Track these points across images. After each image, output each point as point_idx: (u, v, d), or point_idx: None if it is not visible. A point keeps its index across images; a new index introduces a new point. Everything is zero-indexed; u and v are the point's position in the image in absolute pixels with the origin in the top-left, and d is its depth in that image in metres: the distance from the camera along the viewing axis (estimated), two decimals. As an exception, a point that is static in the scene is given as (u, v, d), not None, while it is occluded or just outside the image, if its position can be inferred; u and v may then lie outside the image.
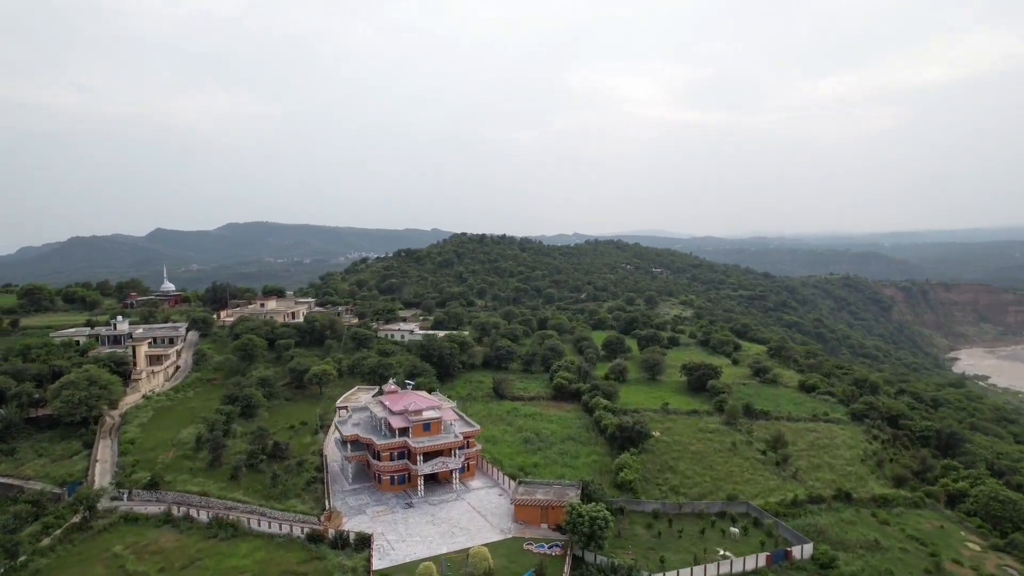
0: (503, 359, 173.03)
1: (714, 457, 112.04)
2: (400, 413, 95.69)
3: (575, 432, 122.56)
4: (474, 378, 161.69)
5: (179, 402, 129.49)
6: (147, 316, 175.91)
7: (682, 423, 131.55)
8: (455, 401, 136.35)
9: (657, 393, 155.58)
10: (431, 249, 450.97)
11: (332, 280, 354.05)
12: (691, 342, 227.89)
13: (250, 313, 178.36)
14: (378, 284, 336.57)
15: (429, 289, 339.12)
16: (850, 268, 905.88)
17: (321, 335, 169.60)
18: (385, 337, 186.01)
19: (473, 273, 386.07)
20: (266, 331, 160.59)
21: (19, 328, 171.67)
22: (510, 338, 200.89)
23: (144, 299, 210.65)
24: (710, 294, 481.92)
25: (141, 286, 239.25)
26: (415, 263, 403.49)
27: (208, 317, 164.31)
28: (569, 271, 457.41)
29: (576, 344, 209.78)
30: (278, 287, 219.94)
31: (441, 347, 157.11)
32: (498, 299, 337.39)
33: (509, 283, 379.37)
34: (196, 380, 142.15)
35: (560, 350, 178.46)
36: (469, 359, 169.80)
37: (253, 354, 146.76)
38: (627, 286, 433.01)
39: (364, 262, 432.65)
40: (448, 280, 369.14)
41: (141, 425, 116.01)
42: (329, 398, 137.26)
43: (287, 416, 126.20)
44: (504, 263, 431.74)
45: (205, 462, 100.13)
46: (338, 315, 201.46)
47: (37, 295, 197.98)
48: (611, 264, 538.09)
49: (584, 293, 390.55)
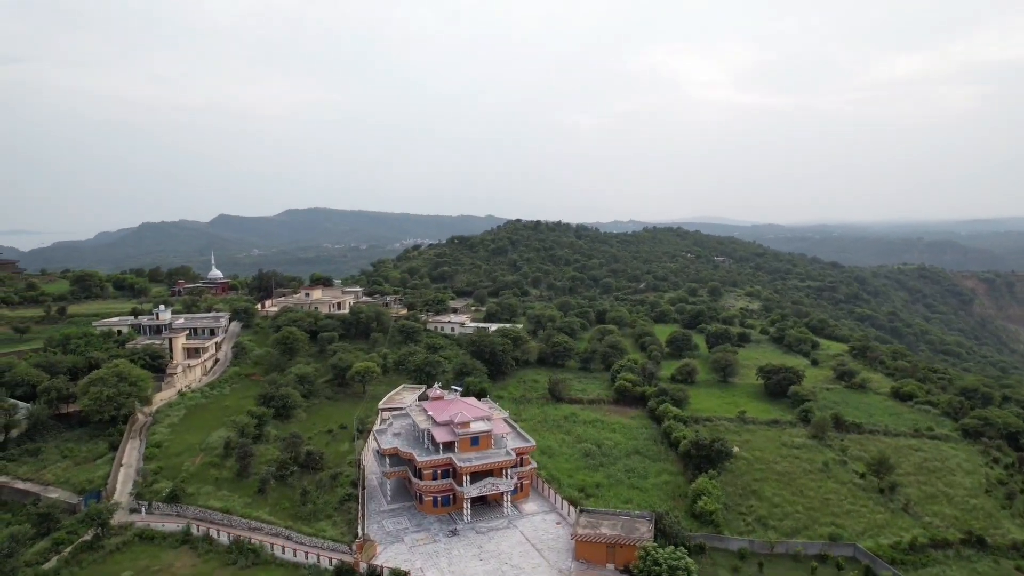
0: (560, 356, 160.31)
1: (804, 480, 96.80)
2: (445, 424, 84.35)
3: (641, 444, 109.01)
4: (528, 377, 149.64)
5: (214, 400, 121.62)
6: (190, 305, 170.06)
7: (762, 436, 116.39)
8: (506, 410, 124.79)
9: (731, 398, 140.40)
10: (485, 236, 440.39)
11: (383, 267, 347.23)
12: (762, 339, 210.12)
13: (294, 303, 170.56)
14: (430, 272, 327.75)
15: (482, 277, 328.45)
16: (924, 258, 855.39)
17: (367, 327, 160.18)
18: (434, 330, 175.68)
19: (527, 261, 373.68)
20: (309, 323, 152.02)
21: (66, 316, 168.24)
22: (567, 332, 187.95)
23: (191, 286, 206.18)
24: (776, 285, 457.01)
25: (191, 273, 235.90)
26: (468, 250, 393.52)
27: (250, 307, 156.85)
28: (627, 260, 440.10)
29: (638, 340, 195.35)
30: (325, 275, 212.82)
31: (493, 343, 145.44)
32: (553, 288, 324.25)
33: (565, 272, 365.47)
34: (234, 375, 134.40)
35: (621, 347, 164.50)
36: (523, 355, 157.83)
37: (294, 348, 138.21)
38: (688, 276, 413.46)
39: (416, 249, 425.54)
40: (502, 268, 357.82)
41: (171, 425, 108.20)
42: (372, 397, 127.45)
43: (325, 418, 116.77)
44: (560, 251, 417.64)
45: (232, 471, 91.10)
46: (385, 305, 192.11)
47: (87, 282, 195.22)
48: (671, 252, 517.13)
49: (643, 283, 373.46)
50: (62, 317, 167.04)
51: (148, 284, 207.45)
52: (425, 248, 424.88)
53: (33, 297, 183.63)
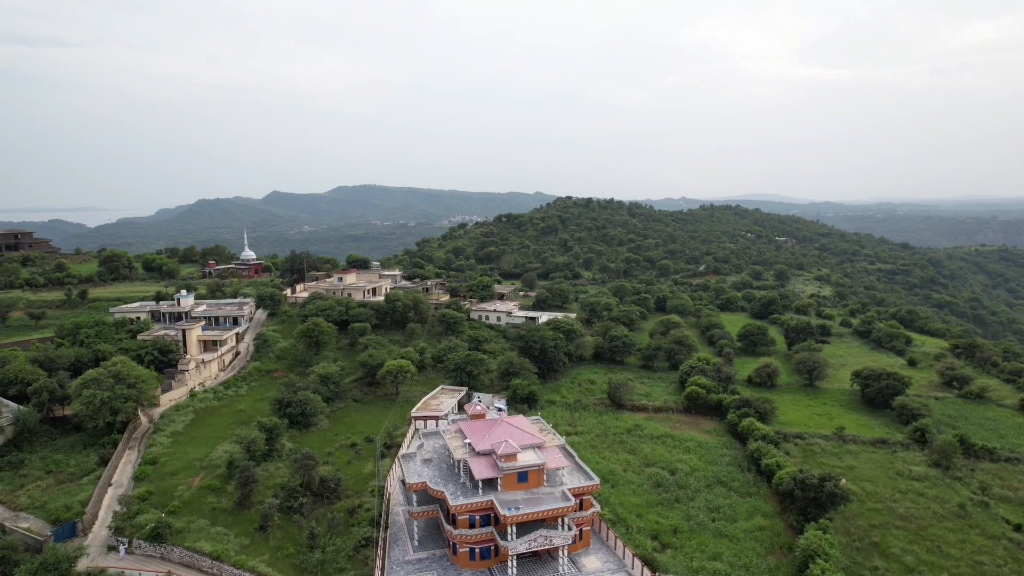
0: (618, 352, 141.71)
1: (938, 530, 76.47)
2: (486, 455, 67.39)
3: (724, 471, 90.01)
4: (583, 376, 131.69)
5: (227, 402, 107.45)
6: (215, 289, 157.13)
7: (868, 460, 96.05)
8: (559, 419, 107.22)
9: (821, 407, 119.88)
10: (534, 214, 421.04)
11: (428, 247, 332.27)
12: (844, 332, 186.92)
13: (326, 288, 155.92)
14: (476, 252, 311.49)
15: (530, 258, 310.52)
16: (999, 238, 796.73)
17: (403, 317, 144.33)
18: (479, 319, 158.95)
19: (579, 241, 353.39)
20: (339, 312, 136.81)
21: (86, 300, 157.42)
22: (624, 322, 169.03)
23: (222, 268, 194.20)
24: (845, 268, 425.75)
25: (226, 253, 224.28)
26: (516, 229, 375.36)
27: (276, 293, 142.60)
28: (684, 240, 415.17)
29: (704, 333, 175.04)
30: (361, 257, 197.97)
31: (544, 338, 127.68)
32: (607, 271, 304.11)
33: (619, 252, 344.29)
34: (254, 371, 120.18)
35: (689, 343, 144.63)
36: (577, 350, 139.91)
37: (320, 341, 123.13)
38: (750, 257, 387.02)
39: (462, 228, 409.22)
40: (551, 248, 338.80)
41: (174, 434, 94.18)
42: (405, 401, 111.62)
43: (350, 426, 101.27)
44: (612, 230, 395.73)
45: (233, 500, 76.14)
46: (425, 291, 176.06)
47: (115, 263, 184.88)
48: (730, 232, 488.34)
49: (703, 265, 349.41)
50: (83, 301, 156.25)
51: (178, 265, 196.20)
52: (472, 227, 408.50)
53: (59, 279, 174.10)
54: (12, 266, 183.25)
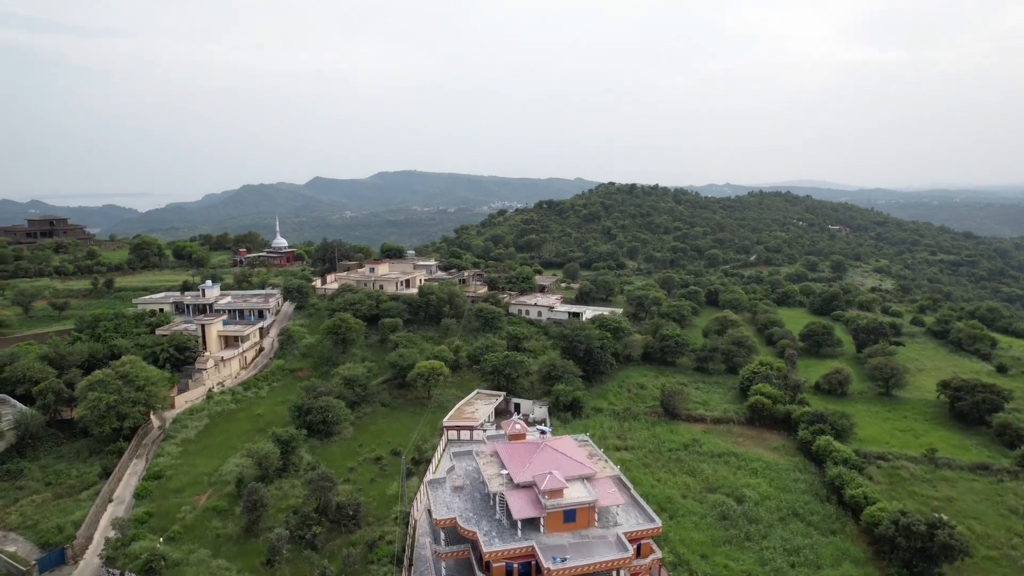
0: (670, 353, 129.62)
1: (1071, 586, 63.47)
2: (526, 488, 57.14)
3: (799, 499, 78.02)
4: (632, 380, 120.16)
5: (245, 404, 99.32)
6: (241, 279, 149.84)
7: (969, 490, 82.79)
8: (607, 430, 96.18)
9: (902, 421, 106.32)
10: (575, 200, 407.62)
11: (466, 234, 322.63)
12: (916, 331, 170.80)
13: (357, 279, 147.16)
14: (515, 240, 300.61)
15: (572, 247, 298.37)
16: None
17: (438, 311, 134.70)
18: (518, 314, 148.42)
19: (623, 229, 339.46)
20: (369, 306, 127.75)
21: (112, 289, 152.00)
22: (675, 318, 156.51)
23: (253, 256, 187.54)
24: (904, 258, 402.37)
25: (259, 240, 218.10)
26: (557, 216, 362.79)
27: (304, 285, 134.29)
28: (733, 228, 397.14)
29: (762, 331, 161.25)
30: (396, 246, 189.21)
31: (589, 338, 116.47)
32: (652, 260, 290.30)
33: (664, 241, 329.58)
34: (277, 370, 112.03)
35: (749, 344, 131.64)
36: (625, 350, 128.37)
37: (348, 338, 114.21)
38: (803, 247, 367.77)
39: (502, 214, 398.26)
40: (594, 236, 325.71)
41: (184, 443, 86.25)
42: (438, 406, 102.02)
43: (377, 435, 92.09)
44: (658, 217, 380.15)
45: (240, 525, 67.44)
46: (462, 283, 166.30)
47: (145, 250, 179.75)
48: (780, 220, 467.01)
49: (754, 255, 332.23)
50: (109, 291, 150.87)
51: (208, 253, 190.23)
52: (511, 213, 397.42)
53: (88, 267, 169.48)
54: (44, 253, 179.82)
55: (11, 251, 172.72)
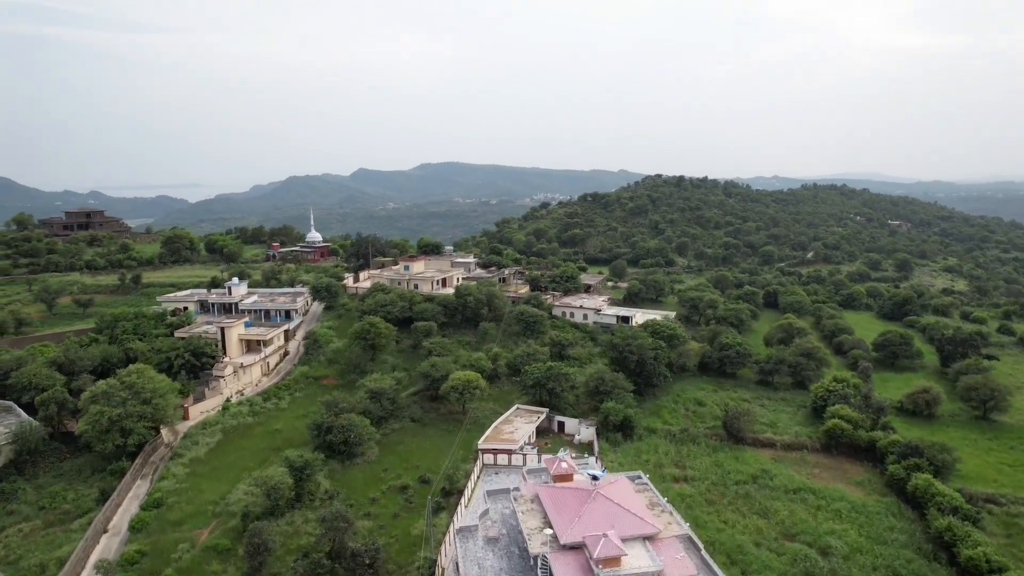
0: (730, 363, 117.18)
1: None
2: (574, 549, 46.84)
3: (897, 554, 65.49)
4: (688, 394, 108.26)
5: (264, 417, 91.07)
6: (270, 276, 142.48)
7: (1103, 543, 68.95)
8: (662, 455, 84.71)
9: (1009, 453, 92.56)
10: (621, 193, 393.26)
11: (507, 228, 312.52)
12: (1006, 341, 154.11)
13: (390, 278, 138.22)
14: (559, 234, 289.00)
15: (618, 242, 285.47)
16: None
17: (475, 314, 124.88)
18: (562, 316, 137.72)
19: (671, 223, 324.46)
20: (401, 308, 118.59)
21: (140, 285, 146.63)
22: (733, 323, 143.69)
23: (286, 251, 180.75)
24: (975, 256, 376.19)
25: (293, 233, 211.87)
26: (602, 209, 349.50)
27: (333, 284, 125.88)
28: (788, 223, 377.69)
29: (829, 338, 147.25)
30: (434, 241, 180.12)
31: (642, 348, 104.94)
32: (703, 257, 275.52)
33: (715, 237, 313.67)
34: (301, 378, 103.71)
35: (819, 356, 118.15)
36: (679, 359, 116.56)
37: (377, 344, 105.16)
38: (862, 243, 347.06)
39: (544, 208, 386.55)
40: (641, 231, 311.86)
41: (193, 462, 78.26)
42: (473, 422, 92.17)
43: (404, 456, 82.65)
44: (708, 211, 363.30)
45: (241, 570, 58.63)
46: (502, 281, 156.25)
47: (177, 244, 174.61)
48: (837, 215, 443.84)
49: (811, 251, 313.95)
50: (136, 287, 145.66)
51: (240, 247, 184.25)
52: (554, 207, 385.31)
53: (119, 261, 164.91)
54: (76, 247, 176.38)
55: (44, 244, 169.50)
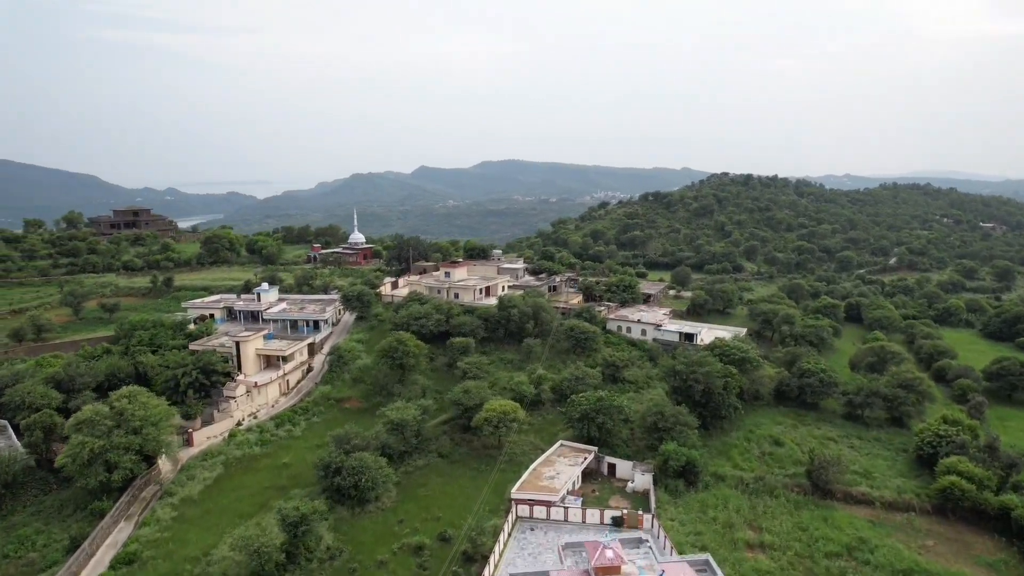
0: (811, 392, 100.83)
1: None
2: None
3: None
4: (762, 429, 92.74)
5: (273, 447, 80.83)
6: (302, 282, 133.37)
7: None
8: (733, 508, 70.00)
9: None
10: (684, 192, 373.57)
11: (563, 228, 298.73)
12: None
13: (430, 286, 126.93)
14: (617, 236, 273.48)
15: (681, 244, 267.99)
16: None
17: (519, 328, 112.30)
18: (617, 331, 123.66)
19: (738, 225, 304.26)
20: (437, 321, 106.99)
21: (171, 288, 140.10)
22: (812, 342, 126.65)
23: (327, 253, 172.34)
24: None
25: (339, 233, 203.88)
26: (665, 209, 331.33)
27: (365, 292, 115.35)
28: (867, 225, 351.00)
29: (926, 361, 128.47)
30: (481, 245, 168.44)
31: (710, 377, 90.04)
32: (774, 262, 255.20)
33: (787, 240, 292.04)
34: (321, 399, 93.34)
35: (922, 390, 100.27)
36: (752, 385, 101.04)
37: (405, 364, 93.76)
38: (952, 248, 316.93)
39: (603, 207, 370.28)
40: (706, 233, 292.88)
41: (184, 502, 68.40)
42: (509, 459, 79.70)
43: (425, 503, 70.66)
44: (778, 212, 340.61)
45: (208, 661, 47.72)
46: (552, 290, 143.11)
47: (216, 244, 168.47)
48: (920, 216, 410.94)
49: (893, 257, 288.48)
50: (168, 289, 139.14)
51: (279, 248, 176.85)
52: (614, 206, 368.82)
53: (157, 261, 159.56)
54: (120, 246, 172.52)
55: (86, 244, 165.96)
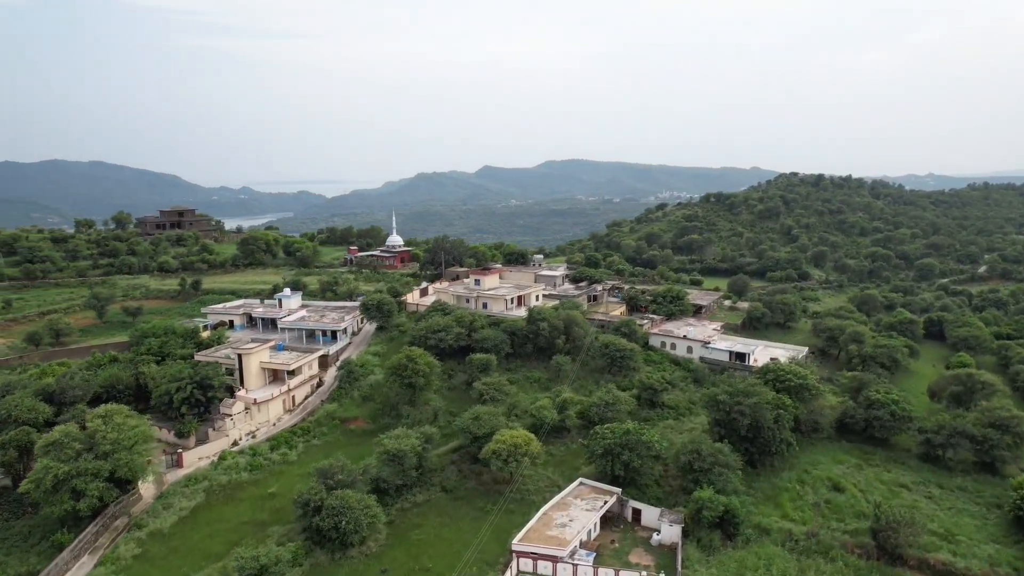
0: (879, 427, 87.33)
1: None
2: None
3: None
4: (819, 471, 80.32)
5: (264, 473, 73.91)
6: (327, 287, 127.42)
7: None
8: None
9: None
10: (749, 193, 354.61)
11: (617, 231, 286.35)
12: None
13: (458, 295, 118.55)
14: (674, 240, 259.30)
15: (742, 249, 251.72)
16: None
17: (549, 343, 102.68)
18: (660, 347, 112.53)
19: (806, 229, 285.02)
20: (456, 335, 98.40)
21: (199, 291, 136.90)
22: (884, 364, 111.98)
23: (363, 255, 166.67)
24: None
25: (380, 235, 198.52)
26: (727, 211, 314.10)
27: (384, 300, 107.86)
28: (952, 230, 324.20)
29: (1023, 390, 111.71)
30: (521, 250, 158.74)
31: (758, 410, 78.20)
32: (844, 269, 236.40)
33: (860, 245, 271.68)
34: (325, 418, 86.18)
35: (1020, 431, 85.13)
36: (809, 415, 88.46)
37: (414, 384, 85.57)
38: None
39: (661, 209, 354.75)
40: (770, 237, 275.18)
41: (152, 537, 62.08)
42: (519, 498, 70.44)
43: (417, 550, 62.01)
44: (851, 215, 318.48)
45: None
46: (592, 299, 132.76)
47: (252, 246, 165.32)
48: (1016, 220, 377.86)
49: (983, 266, 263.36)
50: (196, 292, 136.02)
51: (314, 250, 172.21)
52: (672, 207, 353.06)
53: (191, 263, 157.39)
54: (160, 246, 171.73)
55: (125, 245, 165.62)
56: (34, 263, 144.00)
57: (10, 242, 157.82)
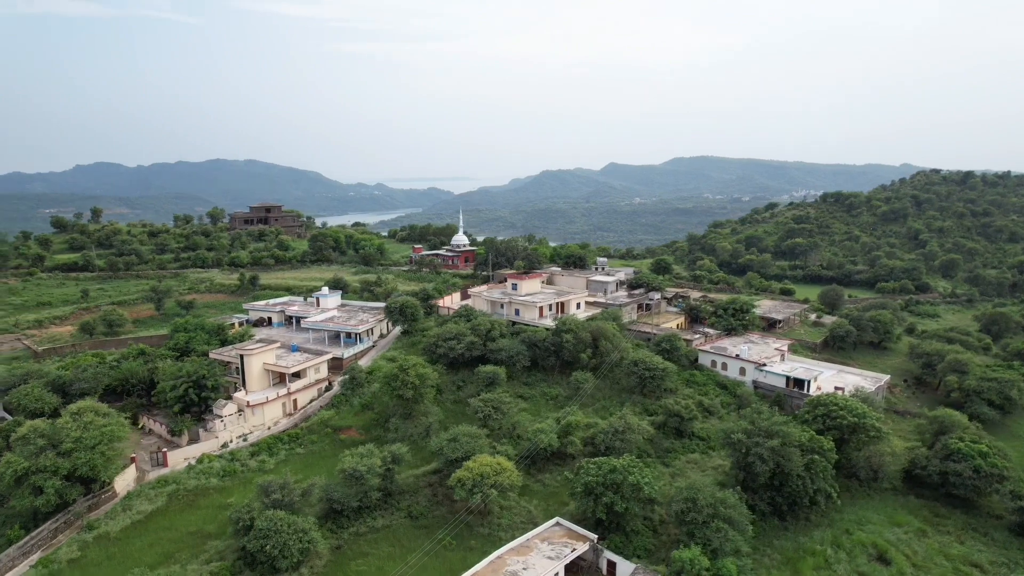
0: (960, 483, 71.59)
1: None
2: None
3: None
4: (866, 531, 67.58)
5: (234, 481, 71.34)
6: (368, 287, 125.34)
7: None
8: None
9: None
10: (874, 193, 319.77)
11: (715, 233, 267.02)
12: None
13: (490, 300, 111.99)
14: (777, 244, 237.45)
15: (855, 255, 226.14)
16: None
17: (574, 357, 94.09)
18: (710, 366, 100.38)
19: (938, 233, 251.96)
20: (468, 344, 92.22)
21: (257, 286, 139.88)
22: (992, 401, 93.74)
23: (426, 254, 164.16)
24: None
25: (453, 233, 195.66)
26: (845, 212, 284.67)
27: (409, 303, 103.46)
28: None
29: None
30: (580, 252, 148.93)
31: (784, 453, 65.85)
32: (978, 282, 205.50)
33: (1007, 253, 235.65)
34: (318, 425, 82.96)
35: None
36: (866, 461, 74.43)
37: (404, 395, 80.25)
38: None
39: (769, 210, 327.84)
40: (892, 242, 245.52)
41: (98, 541, 60.74)
42: (486, 535, 63.33)
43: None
44: (1001, 218, 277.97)
45: None
46: (645, 309, 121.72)
47: (321, 243, 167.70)
48: None
49: None
50: (253, 288, 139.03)
51: (377, 249, 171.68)
52: (782, 208, 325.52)
53: (260, 259, 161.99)
54: (240, 241, 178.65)
55: (207, 240, 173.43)
56: (120, 256, 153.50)
57: (109, 236, 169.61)
